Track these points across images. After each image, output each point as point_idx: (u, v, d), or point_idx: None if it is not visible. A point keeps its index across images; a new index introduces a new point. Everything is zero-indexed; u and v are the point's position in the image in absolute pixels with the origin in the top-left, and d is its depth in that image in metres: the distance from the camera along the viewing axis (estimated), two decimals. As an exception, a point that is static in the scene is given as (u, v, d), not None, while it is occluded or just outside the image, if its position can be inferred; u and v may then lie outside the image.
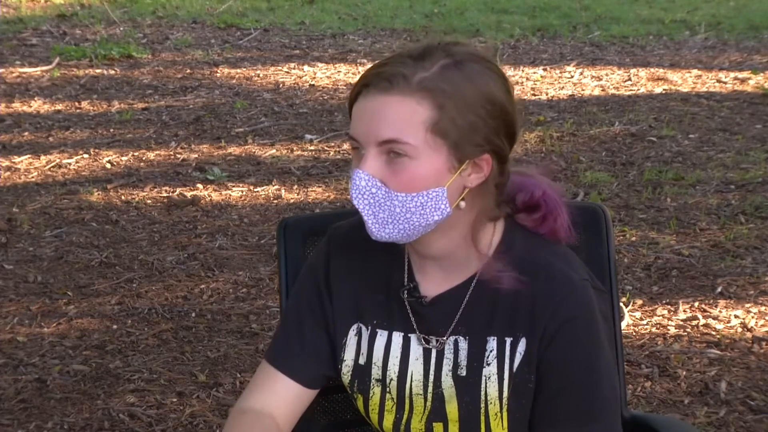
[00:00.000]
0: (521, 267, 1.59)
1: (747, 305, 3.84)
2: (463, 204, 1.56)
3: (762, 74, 7.47)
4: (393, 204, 1.52)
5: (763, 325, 3.70)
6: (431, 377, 1.63)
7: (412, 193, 1.52)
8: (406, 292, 1.65)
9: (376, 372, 1.65)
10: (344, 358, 1.68)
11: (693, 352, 3.52)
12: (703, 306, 3.84)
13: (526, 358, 1.58)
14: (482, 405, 1.59)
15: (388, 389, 1.65)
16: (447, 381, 1.61)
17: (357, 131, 1.54)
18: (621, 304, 3.41)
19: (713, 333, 3.65)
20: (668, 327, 3.70)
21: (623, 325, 3.64)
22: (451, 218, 1.55)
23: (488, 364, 1.59)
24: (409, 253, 1.66)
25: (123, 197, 5.09)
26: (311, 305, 1.70)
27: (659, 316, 3.79)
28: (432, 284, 1.64)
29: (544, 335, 1.56)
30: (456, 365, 1.61)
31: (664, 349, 3.55)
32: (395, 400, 1.65)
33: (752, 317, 3.75)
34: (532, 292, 1.58)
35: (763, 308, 3.82)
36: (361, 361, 1.67)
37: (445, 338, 1.62)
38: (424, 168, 1.51)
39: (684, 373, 3.39)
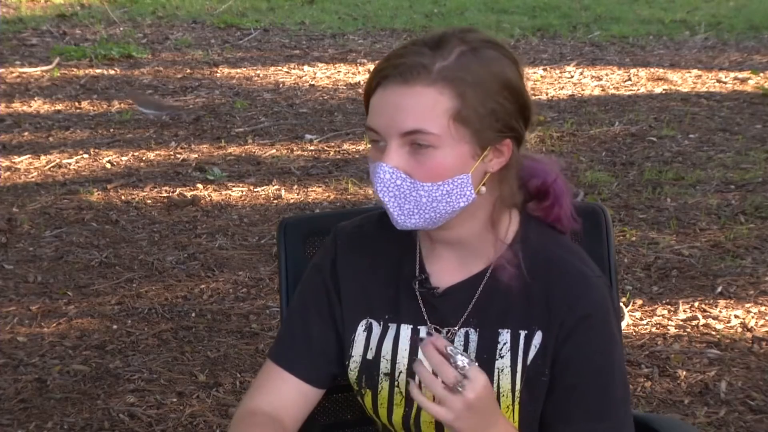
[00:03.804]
0: (536, 261, 1.60)
1: (747, 305, 3.84)
2: (484, 189, 1.57)
3: (762, 74, 7.48)
4: (419, 194, 1.53)
5: (763, 325, 3.70)
6: None
7: (438, 182, 1.52)
8: (417, 282, 1.65)
9: (384, 366, 1.65)
10: (352, 354, 1.68)
11: (693, 352, 3.52)
12: (703, 306, 3.84)
13: (541, 351, 1.58)
14: None
15: (396, 383, 1.65)
16: None
17: (378, 123, 1.54)
18: (621, 304, 3.42)
19: (713, 333, 3.65)
20: (668, 327, 3.70)
21: (623, 325, 3.64)
22: (473, 204, 1.56)
23: (501, 357, 1.60)
24: (422, 243, 1.67)
25: (123, 197, 5.09)
26: (318, 304, 1.70)
27: (659, 316, 3.79)
28: (445, 274, 1.64)
29: (561, 330, 1.57)
30: None
31: (664, 349, 3.55)
32: (404, 394, 1.65)
33: (752, 317, 3.75)
34: (547, 287, 1.59)
35: (763, 308, 3.82)
36: (370, 356, 1.67)
37: (456, 329, 1.63)
38: (448, 157, 1.52)
39: (684, 373, 3.39)
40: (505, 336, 1.60)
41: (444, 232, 1.61)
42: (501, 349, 1.60)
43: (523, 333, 1.60)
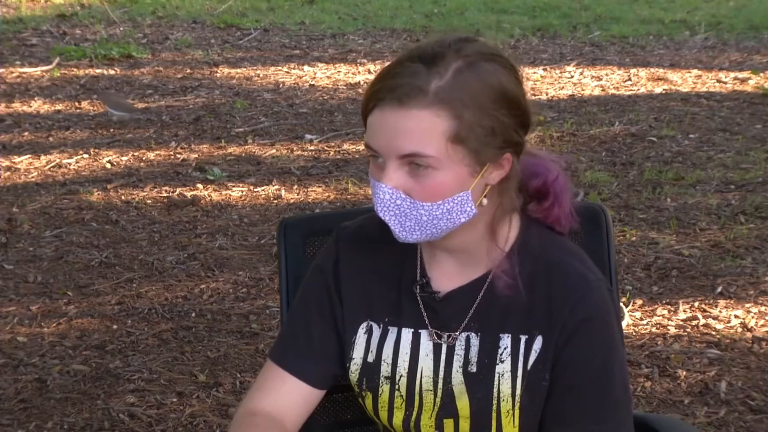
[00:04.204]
0: (536, 265, 1.60)
1: (747, 305, 3.84)
2: (485, 201, 1.57)
3: (762, 74, 7.48)
4: (419, 213, 1.53)
5: (763, 325, 3.70)
6: (441, 373, 1.63)
7: (438, 201, 1.52)
8: (418, 287, 1.65)
9: (385, 369, 1.65)
10: (353, 357, 1.68)
11: (693, 352, 3.52)
12: (703, 306, 3.84)
13: (542, 356, 1.58)
14: (494, 402, 1.60)
15: (397, 386, 1.65)
16: (457, 377, 1.62)
17: (376, 143, 1.53)
18: (621, 304, 3.42)
19: (713, 333, 3.65)
20: (668, 327, 3.70)
21: (623, 325, 3.64)
22: (475, 215, 1.56)
23: (502, 361, 1.60)
24: (422, 248, 1.67)
25: (123, 197, 5.09)
26: (319, 305, 1.70)
27: (659, 316, 3.79)
28: (445, 279, 1.64)
29: (562, 334, 1.57)
30: (466, 361, 1.62)
31: (664, 349, 3.55)
32: (404, 397, 1.65)
33: (752, 317, 3.75)
34: (548, 291, 1.58)
35: (763, 308, 3.82)
36: (370, 358, 1.67)
37: (457, 333, 1.63)
38: (447, 177, 1.51)
39: (684, 373, 3.39)
40: (505, 341, 1.60)
41: (443, 242, 1.61)
42: (501, 354, 1.60)
43: (523, 338, 1.59)
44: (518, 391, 1.59)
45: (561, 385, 1.59)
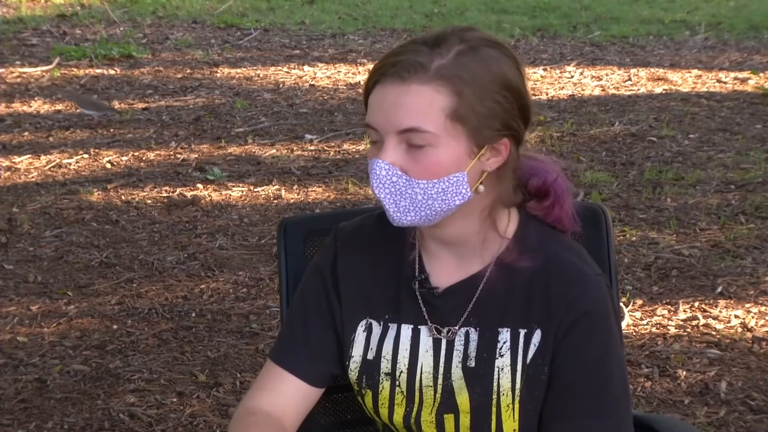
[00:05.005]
0: (535, 259, 1.60)
1: (747, 305, 3.84)
2: (482, 188, 1.57)
3: (762, 74, 7.48)
4: (414, 192, 1.53)
5: (763, 325, 3.70)
6: (441, 369, 1.63)
7: (433, 180, 1.52)
8: (417, 283, 1.65)
9: (385, 366, 1.65)
10: (352, 355, 1.68)
11: (693, 352, 3.52)
12: (703, 306, 3.84)
13: (540, 350, 1.58)
14: (494, 396, 1.60)
15: (397, 382, 1.65)
16: (456, 372, 1.62)
17: (375, 120, 1.54)
18: (621, 304, 3.42)
19: (713, 333, 3.65)
20: (668, 327, 3.70)
21: (623, 325, 3.64)
22: (470, 203, 1.56)
23: (501, 356, 1.60)
24: (421, 243, 1.67)
25: (123, 197, 5.09)
26: (317, 304, 1.70)
27: (659, 316, 3.79)
28: (444, 274, 1.64)
29: (560, 328, 1.57)
30: (465, 356, 1.62)
31: (664, 349, 3.55)
32: (405, 394, 1.65)
33: (752, 317, 3.75)
34: (546, 285, 1.59)
35: (763, 308, 3.82)
36: (370, 356, 1.67)
37: (456, 328, 1.63)
38: (444, 155, 1.52)
39: (684, 373, 3.39)
40: (504, 335, 1.61)
41: (439, 231, 1.61)
42: (501, 348, 1.60)
43: (522, 332, 1.60)
44: (518, 386, 1.59)
45: (559, 381, 1.59)
